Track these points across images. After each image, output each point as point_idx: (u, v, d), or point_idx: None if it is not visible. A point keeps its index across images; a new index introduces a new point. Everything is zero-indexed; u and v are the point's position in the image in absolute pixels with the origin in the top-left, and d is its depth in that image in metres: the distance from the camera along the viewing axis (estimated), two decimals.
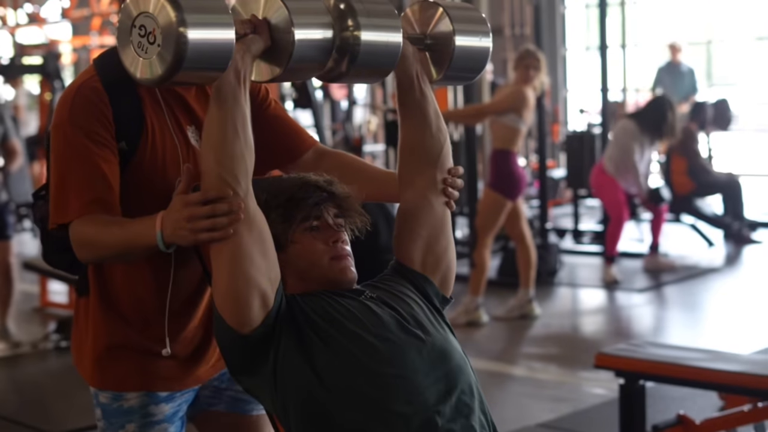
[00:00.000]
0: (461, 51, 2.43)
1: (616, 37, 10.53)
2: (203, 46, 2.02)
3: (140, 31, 2.04)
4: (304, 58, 2.20)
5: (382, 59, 2.33)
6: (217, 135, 2.13)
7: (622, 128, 8.44)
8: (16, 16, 16.26)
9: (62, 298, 7.79)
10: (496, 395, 5.36)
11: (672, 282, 8.27)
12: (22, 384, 6.09)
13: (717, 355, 4.37)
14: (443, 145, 2.44)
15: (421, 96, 2.42)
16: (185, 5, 2.00)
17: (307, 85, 8.07)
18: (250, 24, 2.18)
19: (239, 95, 2.14)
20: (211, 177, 2.12)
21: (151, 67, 2.04)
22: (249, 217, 2.14)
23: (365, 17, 2.26)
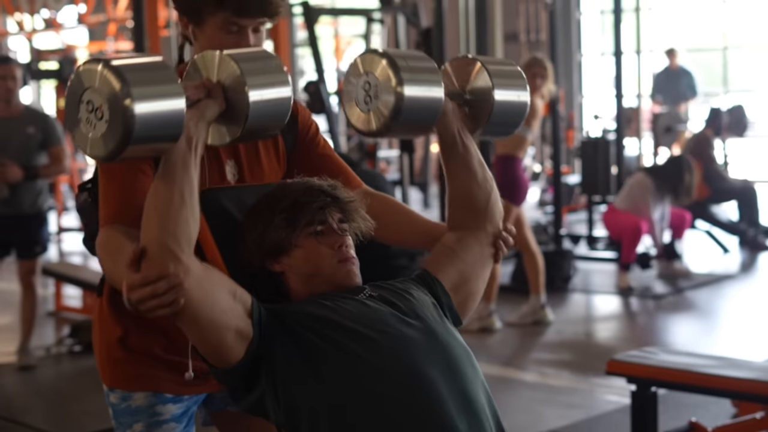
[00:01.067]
0: (500, 106, 2.45)
1: (631, 43, 10.52)
2: (152, 119, 1.97)
3: (88, 107, 1.99)
4: (262, 118, 2.16)
5: (426, 114, 2.34)
6: (163, 201, 2.06)
7: (638, 183, 8.40)
8: (33, 21, 16.33)
9: (77, 302, 7.81)
10: (509, 401, 5.35)
11: (687, 289, 8.24)
12: (36, 388, 6.10)
13: (730, 362, 4.35)
14: (490, 193, 2.48)
15: (464, 150, 2.45)
16: (130, 78, 1.95)
17: (321, 90, 8.09)
18: (203, 88, 2.14)
19: (189, 162, 2.08)
20: (152, 243, 2.04)
21: (101, 143, 1.99)
22: (196, 277, 2.07)
23: (409, 73, 2.27)
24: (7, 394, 5.98)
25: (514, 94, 2.48)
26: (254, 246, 2.33)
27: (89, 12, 15.24)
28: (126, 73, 1.95)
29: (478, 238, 2.47)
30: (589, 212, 9.93)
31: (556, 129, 9.10)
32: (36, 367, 6.33)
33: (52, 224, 11.74)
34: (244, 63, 2.14)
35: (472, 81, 2.47)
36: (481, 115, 2.46)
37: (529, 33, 13.47)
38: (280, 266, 2.33)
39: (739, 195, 9.97)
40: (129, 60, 2.01)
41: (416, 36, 9.72)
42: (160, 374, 2.49)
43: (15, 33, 17.12)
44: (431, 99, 2.32)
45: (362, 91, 2.32)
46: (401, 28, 10.55)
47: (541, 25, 13.27)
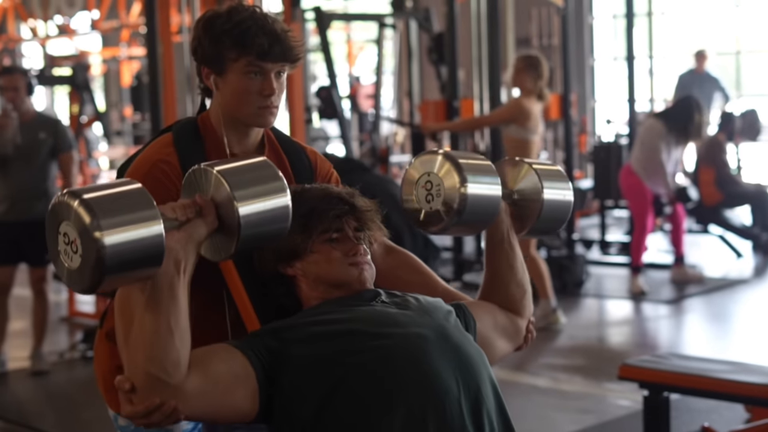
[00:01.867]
0: (549, 205, 2.53)
1: (644, 48, 10.51)
2: (126, 248, 1.93)
3: (65, 239, 1.97)
4: (257, 231, 2.13)
5: (485, 213, 2.43)
6: (150, 330, 2.01)
7: (648, 127, 8.34)
8: (46, 27, 16.38)
9: (90, 307, 7.83)
10: (521, 406, 5.34)
11: (699, 293, 8.22)
12: (49, 394, 6.12)
13: (743, 367, 4.34)
14: (526, 292, 2.58)
15: (510, 249, 2.54)
16: (99, 209, 1.92)
17: (333, 95, 8.10)
18: (193, 206, 2.11)
19: (176, 287, 2.04)
20: (137, 373, 2.00)
21: (78, 276, 1.97)
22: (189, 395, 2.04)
23: (472, 174, 2.35)
24: (20, 400, 6.00)
25: (560, 193, 2.56)
26: (269, 249, 2.34)
27: (102, 18, 15.27)
28: (96, 205, 1.93)
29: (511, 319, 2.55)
30: (601, 217, 9.91)
31: (569, 134, 9.09)
32: (49, 372, 6.35)
33: None
34: (234, 177, 2.10)
35: (520, 181, 2.55)
36: (529, 214, 2.56)
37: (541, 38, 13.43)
38: (293, 270, 2.35)
39: (752, 199, 9.93)
40: (103, 191, 1.97)
41: (428, 41, 9.72)
42: None
43: (29, 39, 17.17)
44: (491, 197, 2.42)
45: (423, 190, 2.40)
46: (413, 34, 10.55)
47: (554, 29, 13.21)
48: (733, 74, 15.25)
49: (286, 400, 2.14)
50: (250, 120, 2.45)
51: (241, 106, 2.42)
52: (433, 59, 9.33)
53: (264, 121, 2.45)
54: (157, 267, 1.99)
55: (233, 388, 2.10)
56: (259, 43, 2.38)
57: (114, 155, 15.20)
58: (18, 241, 6.27)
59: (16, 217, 6.24)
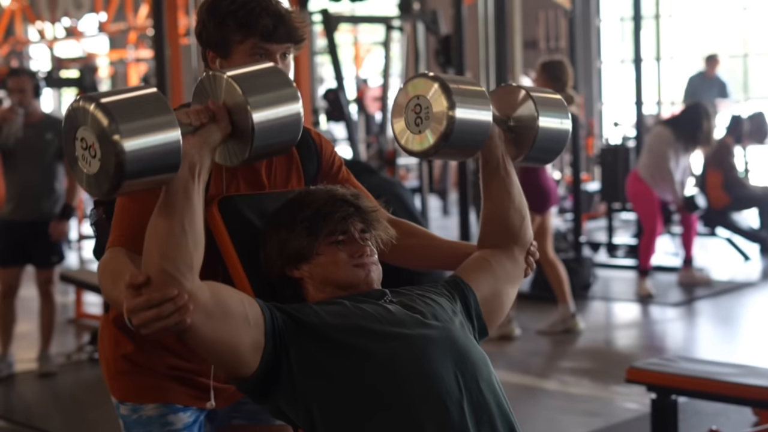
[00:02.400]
0: (544, 133, 2.51)
1: (651, 50, 10.49)
2: (145, 153, 1.95)
3: (82, 145, 1.99)
4: (270, 138, 2.14)
5: (475, 137, 2.39)
6: (164, 229, 2.03)
7: (656, 135, 8.33)
8: (54, 29, 16.41)
9: (97, 309, 7.84)
10: (528, 409, 5.34)
11: (707, 296, 8.21)
12: (56, 395, 6.13)
13: (751, 370, 4.33)
14: (524, 219, 2.55)
15: (506, 174, 2.52)
16: (118, 114, 1.93)
17: (340, 98, 8.10)
18: (206, 112, 2.12)
19: (191, 190, 2.05)
20: (153, 271, 2.01)
21: (96, 181, 1.98)
22: (202, 305, 2.05)
23: (460, 96, 2.32)
24: (27, 401, 6.01)
25: (557, 122, 2.54)
26: (275, 252, 2.34)
27: (110, 20, 15.31)
28: (114, 109, 1.94)
29: (510, 256, 2.52)
30: (608, 219, 9.90)
31: (576, 136, 9.09)
32: (56, 374, 6.36)
33: (72, 231, 11.84)
34: (247, 83, 2.11)
35: (517, 108, 2.53)
36: (524, 141, 2.53)
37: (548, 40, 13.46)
38: (299, 273, 2.34)
39: (760, 202, 9.92)
40: (120, 95, 1.99)
41: (435, 43, 9.72)
42: (168, 385, 2.50)
43: (36, 41, 17.20)
44: (481, 122, 2.38)
45: (412, 113, 2.38)
46: (420, 36, 10.55)
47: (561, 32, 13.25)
48: (741, 77, 15.23)
49: (290, 377, 2.15)
50: None
51: None
52: (441, 61, 9.33)
53: None
54: (174, 172, 2.01)
55: (241, 327, 2.11)
56: (264, 24, 2.38)
57: None
58: (24, 241, 6.30)
59: (22, 217, 6.27)
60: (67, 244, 6.56)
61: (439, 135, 2.33)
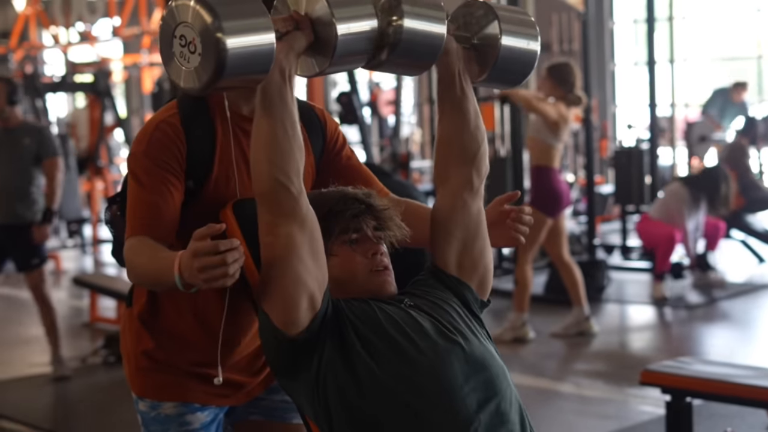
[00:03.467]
0: (507, 52, 2.43)
1: (665, 53, 10.48)
2: (243, 51, 2.05)
3: (181, 41, 2.08)
4: (349, 50, 2.21)
5: (425, 50, 2.33)
6: (267, 135, 2.15)
7: (673, 193, 8.34)
8: (68, 34, 16.47)
9: (111, 313, 7.86)
10: (543, 412, 5.33)
11: (722, 298, 8.19)
12: (71, 399, 6.14)
13: (766, 372, 4.31)
14: (480, 143, 2.45)
15: (462, 94, 2.42)
16: (221, 12, 2.03)
17: (354, 101, 8.10)
18: (292, 21, 2.19)
19: (285, 94, 2.16)
20: (263, 177, 2.15)
21: (195, 76, 2.08)
22: (302, 216, 2.17)
23: (409, 6, 2.27)
24: (42, 405, 6.02)
25: (522, 42, 2.46)
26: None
27: (124, 25, 15.35)
28: (217, 7, 2.03)
29: (465, 200, 2.42)
30: (622, 222, 9.89)
31: (590, 139, 9.08)
32: (70, 377, 6.37)
33: (86, 234, 11.87)
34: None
35: (481, 26, 2.44)
36: (487, 60, 2.44)
37: (561, 43, 13.44)
38: None
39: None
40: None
41: None
42: (188, 384, 2.50)
43: (50, 46, 17.26)
44: (432, 34, 2.31)
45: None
46: None
47: (574, 34, 13.23)
48: (755, 78, 15.19)
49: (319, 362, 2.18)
50: None
51: None
52: None
53: None
54: (265, 74, 2.11)
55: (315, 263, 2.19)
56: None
57: None
58: (2, 244, 6.40)
59: (1, 220, 6.35)
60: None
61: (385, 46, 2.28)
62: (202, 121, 2.38)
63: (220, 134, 2.40)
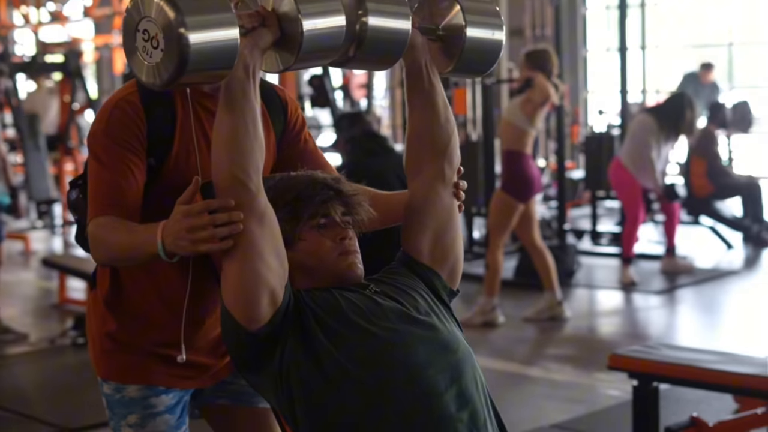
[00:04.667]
0: (473, 43, 2.44)
1: (637, 39, 10.50)
2: (206, 47, 2.03)
3: (144, 36, 2.05)
4: (315, 47, 2.20)
5: (390, 46, 2.33)
6: (228, 131, 2.13)
7: (639, 123, 8.34)
8: (38, 14, 16.36)
9: (80, 294, 7.82)
10: (512, 396, 5.36)
11: (689, 284, 8.24)
12: (38, 380, 6.12)
13: (732, 357, 4.35)
14: (451, 135, 2.45)
15: (430, 86, 2.43)
16: (184, 7, 2.01)
17: (326, 84, 8.09)
18: (258, 16, 2.18)
19: (248, 90, 2.15)
20: (222, 173, 2.14)
21: (157, 71, 2.05)
22: (260, 212, 2.15)
23: (374, 3, 2.27)
24: (10, 386, 6.00)
25: (488, 32, 2.47)
26: None
27: (95, 5, 15.26)
28: (181, 2, 2.01)
29: (438, 192, 2.43)
30: (592, 207, 9.93)
31: (561, 124, 9.10)
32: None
33: (56, 217, 11.81)
34: None
35: (446, 17, 2.45)
36: (453, 51, 2.45)
37: (534, 28, 13.43)
38: None
39: (744, 191, 9.95)
40: None
41: None
42: (152, 367, 2.50)
43: (21, 26, 17.14)
44: (397, 30, 2.32)
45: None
46: None
47: (547, 20, 13.23)
48: (726, 66, 15.26)
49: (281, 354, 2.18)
50: None
51: None
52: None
53: None
54: (229, 70, 2.09)
55: (275, 259, 2.18)
56: None
57: None
58: None
59: None
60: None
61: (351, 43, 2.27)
62: (162, 98, 2.37)
63: (180, 111, 2.40)
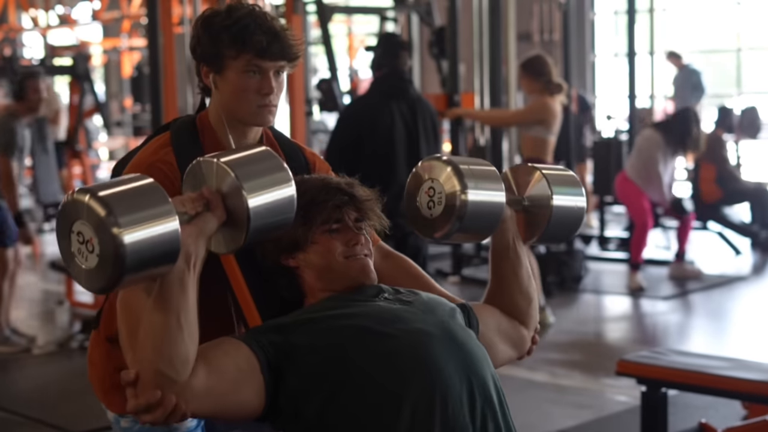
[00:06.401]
0: (558, 212, 2.48)
1: (645, 44, 10.49)
2: (144, 245, 1.89)
3: (79, 239, 1.91)
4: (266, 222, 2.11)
5: (488, 220, 2.38)
6: (159, 325, 1.98)
7: (646, 138, 8.37)
8: (47, 17, 16.37)
9: (88, 297, 7.82)
10: (519, 401, 5.34)
11: (697, 290, 8.22)
12: (45, 383, 6.12)
13: (740, 363, 4.34)
14: (531, 301, 2.51)
15: (515, 257, 2.48)
16: (115, 204, 1.88)
17: (334, 88, 8.08)
18: (201, 200, 2.08)
19: (186, 282, 2.00)
20: (146, 369, 1.97)
21: (95, 276, 1.91)
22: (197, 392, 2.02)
23: (473, 180, 2.31)
24: (17, 389, 6.00)
25: (571, 200, 2.51)
26: (271, 241, 2.32)
27: (103, 8, 15.26)
28: (111, 201, 1.88)
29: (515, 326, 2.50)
30: (600, 212, 9.91)
31: (567, 127, 9.08)
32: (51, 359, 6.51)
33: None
34: (240, 168, 2.08)
35: (531, 188, 2.50)
36: (538, 222, 2.50)
37: (542, 33, 13.42)
38: (295, 261, 2.34)
39: (752, 197, 9.94)
40: (116, 188, 1.93)
41: (430, 35, 9.71)
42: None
43: (29, 29, 17.15)
44: (493, 204, 2.37)
45: (426, 196, 2.37)
46: (414, 27, 10.54)
47: (555, 25, 13.21)
48: (734, 71, 15.24)
49: (290, 398, 2.13)
50: (249, 119, 2.44)
51: (240, 105, 2.42)
52: (434, 53, 9.30)
53: (262, 120, 2.44)
54: (173, 263, 1.96)
55: (239, 382, 2.08)
56: (258, 41, 2.37)
57: (114, 146, 15.19)
58: None
59: None
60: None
61: (452, 219, 2.32)
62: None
63: None
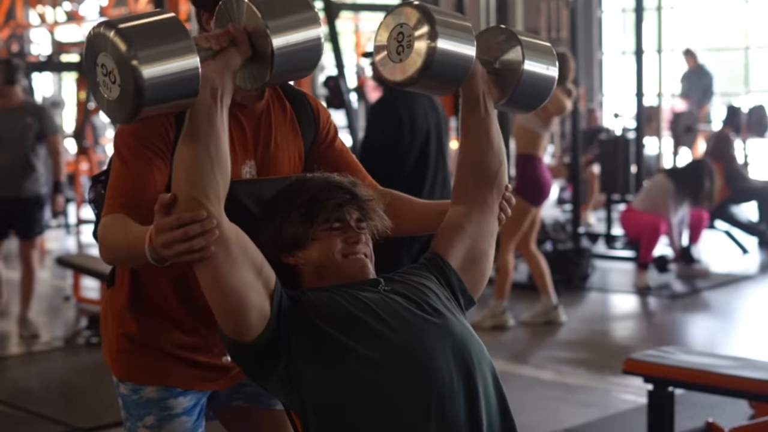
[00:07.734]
0: (528, 78, 2.47)
1: (653, 42, 10.48)
2: (163, 79, 1.96)
3: (102, 70, 2.00)
4: (290, 63, 2.15)
5: (455, 71, 2.35)
6: (189, 156, 2.06)
7: (657, 185, 8.35)
8: (54, 13, 16.38)
9: (95, 294, 7.83)
10: (525, 399, 5.34)
11: (705, 289, 8.21)
12: (52, 379, 6.13)
13: (747, 362, 4.33)
14: (502, 162, 2.50)
15: (486, 115, 2.46)
16: (137, 40, 1.95)
17: (341, 85, 8.08)
18: (227, 36, 2.12)
19: (214, 115, 2.08)
20: (182, 197, 2.05)
21: (118, 106, 2.00)
22: (223, 236, 2.08)
23: (444, 27, 2.28)
24: (25, 385, 6.01)
25: (542, 67, 2.50)
26: (270, 239, 2.32)
27: (111, 5, 15.27)
28: (133, 35, 1.95)
29: (483, 212, 2.47)
30: (607, 211, 9.90)
31: (576, 128, 9.08)
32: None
33: (71, 216, 11.84)
34: (266, 6, 2.12)
35: (504, 51, 2.49)
36: (507, 85, 2.49)
37: (550, 31, 13.42)
38: (294, 260, 2.33)
39: (759, 196, 9.92)
40: (138, 20, 2.00)
41: None
42: (171, 368, 2.49)
43: (37, 25, 17.17)
44: (463, 56, 2.34)
45: (395, 41, 2.34)
46: None
47: (562, 22, 13.22)
48: (742, 70, 15.22)
49: (287, 357, 2.16)
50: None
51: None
52: None
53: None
54: (194, 98, 2.03)
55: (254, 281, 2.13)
56: None
57: None
58: (7, 217, 6.85)
59: (6, 194, 6.79)
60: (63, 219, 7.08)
61: (420, 64, 2.29)
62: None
63: None
